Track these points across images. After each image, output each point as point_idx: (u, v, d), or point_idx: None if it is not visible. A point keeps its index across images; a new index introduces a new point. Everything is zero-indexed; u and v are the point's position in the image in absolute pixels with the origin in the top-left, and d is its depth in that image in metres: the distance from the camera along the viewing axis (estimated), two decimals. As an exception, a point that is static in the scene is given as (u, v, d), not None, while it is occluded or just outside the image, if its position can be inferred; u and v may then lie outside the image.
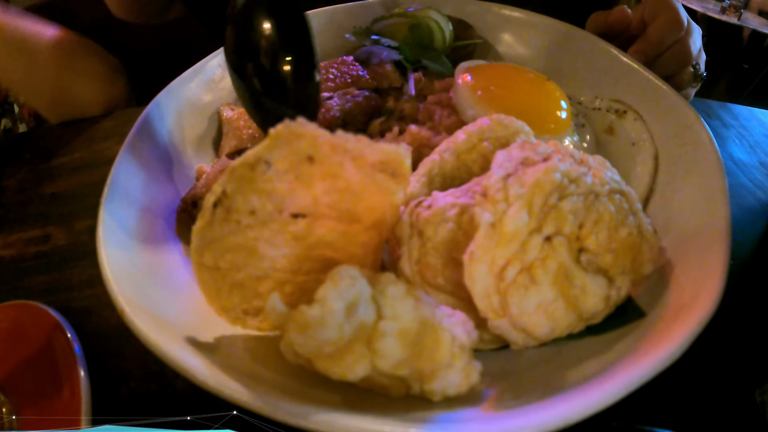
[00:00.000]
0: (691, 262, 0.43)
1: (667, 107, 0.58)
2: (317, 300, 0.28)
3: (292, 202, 0.31)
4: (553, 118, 0.55)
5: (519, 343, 0.39)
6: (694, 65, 0.74)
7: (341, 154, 0.29)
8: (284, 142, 0.29)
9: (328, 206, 0.31)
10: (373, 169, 0.30)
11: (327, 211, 0.31)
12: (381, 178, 0.31)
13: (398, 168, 0.31)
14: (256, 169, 0.30)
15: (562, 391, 0.36)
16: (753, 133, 0.82)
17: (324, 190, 0.31)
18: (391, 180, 0.31)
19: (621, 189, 0.41)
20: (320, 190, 0.31)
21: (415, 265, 0.41)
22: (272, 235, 0.32)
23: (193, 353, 0.36)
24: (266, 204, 0.31)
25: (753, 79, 1.87)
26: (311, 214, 0.32)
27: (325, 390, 0.35)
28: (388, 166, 0.30)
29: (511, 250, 0.36)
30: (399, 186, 0.32)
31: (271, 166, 0.30)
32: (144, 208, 0.51)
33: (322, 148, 0.29)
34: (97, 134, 0.75)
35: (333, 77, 0.60)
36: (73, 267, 0.59)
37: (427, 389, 0.35)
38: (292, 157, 0.29)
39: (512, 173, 0.37)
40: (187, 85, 0.62)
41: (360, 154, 0.30)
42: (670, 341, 0.35)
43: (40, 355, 0.50)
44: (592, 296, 0.38)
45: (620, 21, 0.73)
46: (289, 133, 0.29)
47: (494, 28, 0.72)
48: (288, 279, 0.34)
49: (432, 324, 0.34)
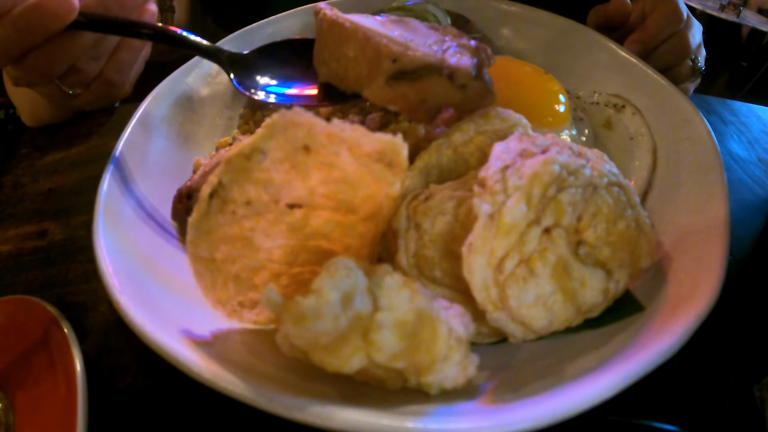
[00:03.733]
0: (689, 256, 0.43)
1: (665, 102, 0.58)
2: (313, 290, 0.28)
3: (288, 193, 0.31)
4: (551, 111, 0.55)
5: (517, 335, 0.39)
6: (693, 59, 0.74)
7: (337, 143, 0.29)
8: (280, 131, 0.29)
9: (324, 196, 0.31)
10: (369, 158, 0.30)
11: (323, 201, 0.31)
12: (377, 168, 0.30)
13: (395, 158, 0.31)
14: (252, 158, 0.29)
15: (559, 384, 0.36)
16: (752, 130, 0.82)
17: (320, 180, 0.31)
18: (387, 170, 0.31)
19: (619, 182, 0.41)
20: (316, 180, 0.31)
21: (412, 257, 0.40)
22: (268, 226, 0.32)
23: (189, 346, 0.36)
24: (262, 194, 0.31)
25: (751, 76, 1.87)
26: (307, 204, 0.31)
27: (322, 383, 0.35)
28: (385, 156, 0.30)
29: (510, 241, 0.36)
30: (395, 176, 0.32)
31: (266, 155, 0.29)
32: (141, 202, 0.51)
33: (318, 137, 0.29)
34: (94, 129, 0.75)
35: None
36: (70, 262, 0.59)
37: (424, 382, 0.34)
38: (288, 146, 0.29)
39: (510, 165, 0.37)
40: (184, 79, 0.62)
41: (356, 144, 0.30)
42: (667, 335, 0.35)
43: (36, 350, 0.50)
44: (590, 289, 0.38)
45: (619, 11, 0.73)
46: (285, 122, 0.28)
47: (493, 23, 0.72)
48: (284, 271, 0.34)
49: (429, 316, 0.34)
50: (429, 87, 0.44)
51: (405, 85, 0.44)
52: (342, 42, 0.48)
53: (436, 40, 0.48)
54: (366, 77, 0.47)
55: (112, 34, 0.56)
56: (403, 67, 0.44)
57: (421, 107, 0.45)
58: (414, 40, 0.47)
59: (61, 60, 0.54)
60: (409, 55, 0.44)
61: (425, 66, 0.44)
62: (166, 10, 0.81)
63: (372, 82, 0.46)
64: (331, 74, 0.51)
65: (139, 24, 0.55)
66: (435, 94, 0.44)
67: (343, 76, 0.50)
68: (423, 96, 0.45)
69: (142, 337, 0.35)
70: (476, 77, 0.44)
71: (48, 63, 0.53)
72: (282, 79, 0.56)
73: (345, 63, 0.49)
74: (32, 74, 0.55)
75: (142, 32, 0.54)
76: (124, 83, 0.63)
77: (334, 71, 0.51)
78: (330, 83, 0.52)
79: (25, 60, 0.52)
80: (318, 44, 0.53)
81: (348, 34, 0.47)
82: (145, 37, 0.54)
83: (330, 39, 0.50)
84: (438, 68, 0.44)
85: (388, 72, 0.45)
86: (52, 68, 0.54)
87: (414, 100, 0.45)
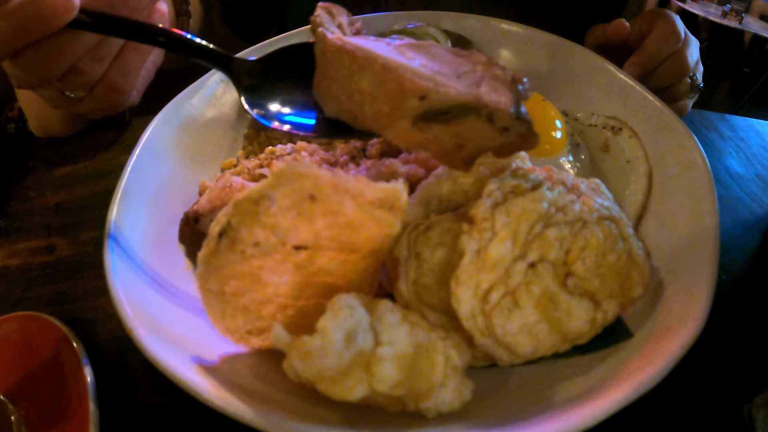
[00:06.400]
0: (680, 284, 0.45)
1: (662, 125, 0.59)
2: (318, 331, 0.30)
3: (294, 236, 0.32)
4: (549, 139, 0.56)
5: (504, 360, 0.41)
6: (692, 76, 0.75)
7: (342, 193, 0.31)
8: (287, 181, 0.30)
9: (328, 239, 0.33)
10: (371, 206, 0.32)
11: (327, 243, 0.33)
12: (379, 213, 0.32)
13: (395, 203, 0.32)
14: (260, 204, 0.31)
15: (550, 409, 0.38)
16: (750, 145, 0.83)
17: (325, 225, 0.32)
18: (388, 214, 0.32)
19: (611, 216, 0.42)
20: (321, 225, 0.32)
21: (411, 285, 0.42)
22: (275, 265, 0.33)
23: (198, 371, 0.38)
24: (270, 237, 0.32)
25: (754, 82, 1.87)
26: (312, 246, 0.33)
27: (326, 407, 0.37)
28: (386, 202, 0.32)
29: (495, 275, 0.37)
30: (396, 219, 0.33)
31: (274, 201, 0.31)
32: (149, 223, 0.52)
33: (323, 187, 0.30)
34: (100, 144, 0.76)
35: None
36: (79, 278, 0.60)
37: (422, 407, 0.36)
38: (295, 195, 0.31)
39: (500, 203, 0.38)
40: (189, 101, 0.63)
41: (359, 193, 0.31)
42: (653, 364, 0.37)
43: (47, 366, 0.51)
44: (576, 319, 0.40)
45: (618, 34, 0.74)
46: (291, 173, 0.30)
47: (493, 44, 0.72)
48: (290, 303, 0.36)
49: (426, 347, 0.35)
50: (465, 130, 0.37)
51: (437, 127, 0.37)
52: (353, 73, 0.40)
53: (466, 70, 0.39)
54: (387, 116, 0.39)
55: (112, 35, 0.51)
56: (433, 106, 0.36)
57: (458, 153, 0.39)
58: (441, 72, 0.38)
59: (59, 59, 0.50)
60: (441, 91, 0.36)
61: (460, 105, 0.36)
62: (182, 15, 0.74)
63: (395, 123, 0.38)
64: (341, 111, 0.43)
65: (141, 25, 0.49)
66: (473, 138, 0.38)
67: (357, 114, 0.41)
68: (459, 140, 0.38)
69: (155, 364, 0.37)
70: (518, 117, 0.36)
71: (45, 62, 0.50)
72: (294, 101, 0.48)
73: (359, 99, 0.40)
74: (31, 74, 0.51)
75: (143, 34, 0.48)
76: (130, 89, 0.57)
77: (346, 108, 0.42)
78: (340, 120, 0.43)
79: (22, 57, 0.49)
80: (320, 74, 0.44)
81: (361, 64, 0.39)
82: (146, 40, 0.48)
83: (337, 69, 0.41)
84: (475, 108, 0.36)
85: (416, 112, 0.37)
86: (50, 68, 0.51)
87: (449, 145, 0.38)
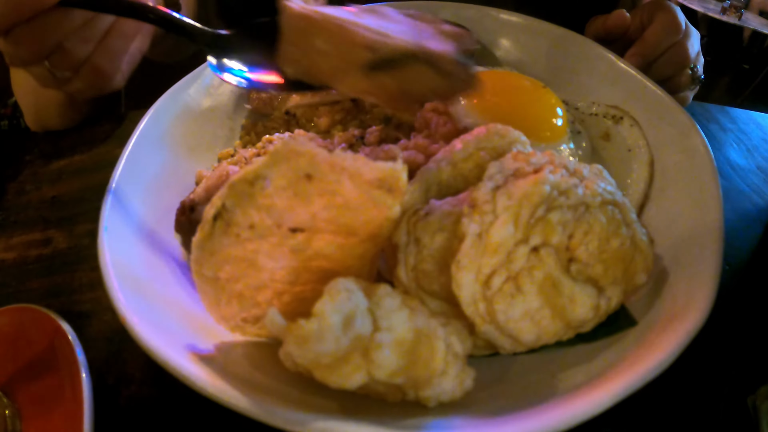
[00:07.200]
0: (684, 271, 0.44)
1: (663, 114, 0.59)
2: (315, 314, 0.29)
3: (290, 218, 0.32)
4: (549, 125, 0.55)
5: (506, 348, 0.40)
6: (692, 68, 0.75)
7: (339, 172, 0.30)
8: (283, 160, 0.29)
9: (325, 221, 0.32)
10: (370, 186, 0.31)
11: (324, 225, 0.32)
12: (377, 194, 0.31)
13: (394, 184, 0.31)
14: (255, 185, 0.30)
15: (553, 398, 0.37)
16: (751, 137, 0.83)
17: (322, 206, 0.31)
18: (387, 196, 0.31)
19: (614, 200, 0.41)
20: (318, 206, 0.31)
21: (411, 271, 0.41)
22: (271, 248, 0.33)
23: (193, 360, 0.37)
24: (265, 219, 0.31)
25: (753, 79, 1.87)
26: (309, 228, 0.32)
27: (323, 396, 0.36)
28: (385, 183, 0.31)
29: (497, 259, 0.37)
30: (395, 201, 0.33)
31: (269, 182, 0.30)
32: (144, 213, 0.52)
33: (320, 166, 0.30)
34: (96, 137, 0.76)
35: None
36: (74, 271, 0.60)
37: (422, 396, 0.36)
38: (291, 174, 0.30)
39: (502, 185, 0.38)
40: (186, 90, 0.62)
41: (357, 172, 0.30)
42: (658, 351, 0.36)
43: (42, 359, 0.50)
44: (580, 305, 0.39)
45: (618, 25, 0.73)
46: (287, 151, 0.29)
47: (492, 33, 0.72)
48: (286, 289, 0.35)
49: (426, 334, 0.35)
50: (410, 76, 0.42)
51: (384, 75, 0.42)
52: (311, 35, 0.44)
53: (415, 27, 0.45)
54: (341, 70, 0.43)
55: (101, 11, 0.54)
56: (381, 56, 0.41)
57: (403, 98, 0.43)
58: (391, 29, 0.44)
59: (48, 37, 0.54)
60: (388, 42, 0.41)
61: (405, 54, 0.41)
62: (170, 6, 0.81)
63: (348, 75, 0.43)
64: (300, 71, 0.47)
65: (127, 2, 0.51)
66: (417, 83, 0.43)
67: (315, 72, 0.46)
68: (404, 86, 0.43)
69: (149, 353, 0.36)
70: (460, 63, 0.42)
71: (35, 39, 0.53)
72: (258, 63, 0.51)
73: (316, 57, 0.45)
74: (22, 50, 0.55)
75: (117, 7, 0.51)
76: (114, 72, 0.61)
77: (304, 68, 0.46)
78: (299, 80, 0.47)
79: (13, 33, 0.52)
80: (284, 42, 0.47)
81: (318, 26, 0.43)
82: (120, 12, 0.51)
83: (298, 34, 0.45)
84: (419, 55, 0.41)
85: (365, 62, 0.42)
86: (40, 45, 0.54)
87: (395, 91, 0.43)
